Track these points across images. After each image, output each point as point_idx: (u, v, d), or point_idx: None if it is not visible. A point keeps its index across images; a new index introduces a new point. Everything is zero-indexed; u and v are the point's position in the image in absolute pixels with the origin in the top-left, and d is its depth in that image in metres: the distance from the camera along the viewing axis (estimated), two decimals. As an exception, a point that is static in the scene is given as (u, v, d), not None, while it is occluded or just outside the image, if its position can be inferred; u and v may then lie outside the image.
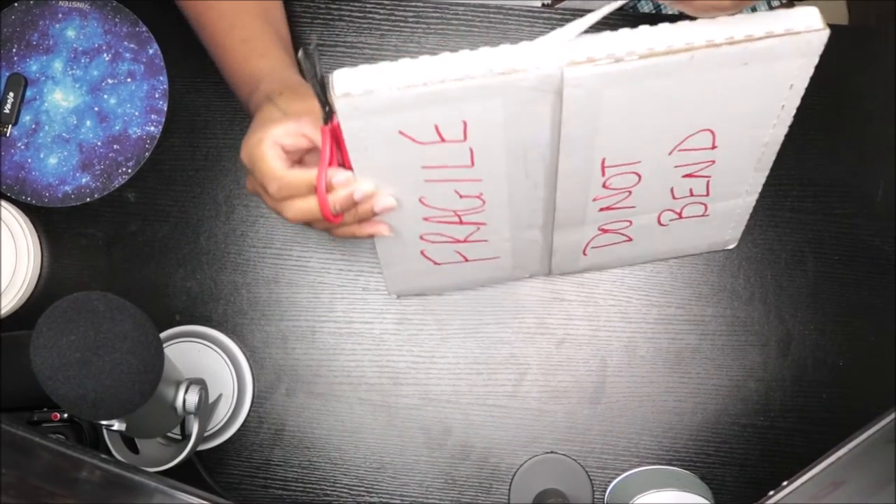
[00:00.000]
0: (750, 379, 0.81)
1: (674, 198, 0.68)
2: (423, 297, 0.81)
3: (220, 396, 0.79)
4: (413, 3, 0.83)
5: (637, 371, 0.81)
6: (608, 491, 0.79)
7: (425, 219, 0.65)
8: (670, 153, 0.62)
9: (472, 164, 0.59)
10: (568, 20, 0.82)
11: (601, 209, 0.67)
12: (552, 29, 0.82)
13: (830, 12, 1.20)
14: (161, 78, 0.83)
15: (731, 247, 0.76)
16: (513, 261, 0.73)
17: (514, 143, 0.59)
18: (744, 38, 0.52)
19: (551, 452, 0.80)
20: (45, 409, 0.73)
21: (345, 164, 0.59)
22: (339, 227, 0.62)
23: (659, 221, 0.70)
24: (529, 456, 0.80)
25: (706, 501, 0.75)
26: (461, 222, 0.66)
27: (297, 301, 0.82)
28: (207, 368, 0.79)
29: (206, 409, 0.70)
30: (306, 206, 0.59)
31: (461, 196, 0.63)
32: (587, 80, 0.53)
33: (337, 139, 0.57)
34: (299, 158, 0.62)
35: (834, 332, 0.81)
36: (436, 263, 0.71)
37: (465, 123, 0.55)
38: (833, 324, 0.81)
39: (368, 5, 0.83)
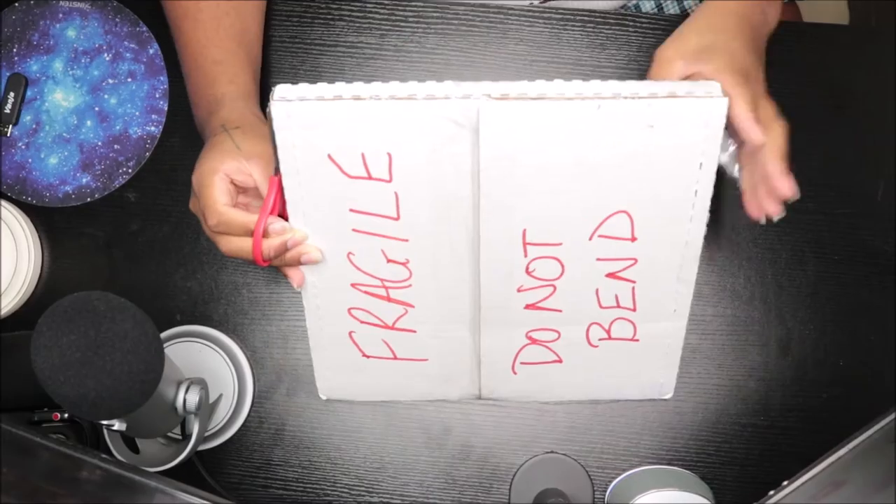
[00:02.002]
0: (750, 379, 0.81)
1: (600, 306, 0.68)
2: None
3: (220, 396, 0.79)
4: (413, 3, 0.83)
5: (637, 371, 0.81)
6: (608, 491, 0.79)
7: (353, 285, 0.67)
8: (590, 238, 0.63)
9: (398, 216, 0.62)
10: (567, 20, 0.83)
11: (527, 306, 0.68)
12: (551, 28, 0.83)
13: (830, 12, 1.20)
14: (161, 78, 0.83)
15: (667, 396, 0.75)
16: (441, 367, 0.73)
17: (436, 198, 0.61)
18: (647, 94, 0.56)
19: (551, 452, 0.80)
20: (46, 409, 0.73)
21: (284, 216, 0.63)
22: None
23: (588, 339, 0.70)
24: (529, 456, 0.80)
25: (706, 501, 0.75)
26: (388, 298, 0.68)
27: (298, 301, 0.81)
28: (208, 368, 0.79)
29: (206, 408, 0.70)
30: (241, 244, 0.63)
31: (388, 260, 0.65)
32: (500, 116, 0.56)
33: (282, 191, 0.62)
34: (244, 190, 0.65)
35: (834, 332, 0.81)
36: (364, 355, 0.72)
37: (389, 157, 0.59)
38: (833, 324, 0.81)
39: (369, 5, 0.83)
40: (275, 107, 0.57)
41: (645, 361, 0.72)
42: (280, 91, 0.57)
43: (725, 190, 0.82)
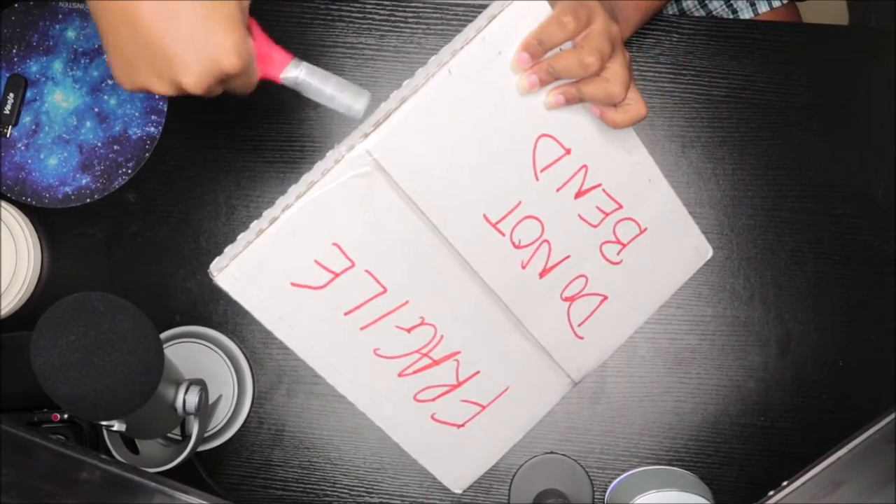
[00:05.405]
0: (750, 379, 0.81)
1: (593, 225, 0.68)
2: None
3: (220, 397, 0.79)
4: (413, 4, 0.83)
5: (637, 371, 0.81)
6: (608, 491, 0.79)
7: (400, 375, 0.67)
8: (537, 178, 0.63)
9: (384, 288, 0.62)
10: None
11: (541, 274, 0.68)
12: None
13: (830, 12, 1.20)
14: (161, 78, 0.83)
15: (709, 255, 0.75)
16: (525, 383, 0.72)
17: (400, 248, 0.62)
18: (475, 32, 0.58)
19: (551, 452, 0.80)
20: (46, 410, 0.73)
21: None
22: None
23: (607, 259, 0.70)
24: (529, 456, 0.80)
25: (706, 501, 0.75)
26: (435, 361, 0.67)
27: (298, 301, 0.82)
28: (208, 369, 0.79)
29: (206, 409, 0.70)
30: None
31: (408, 330, 0.65)
32: (387, 141, 0.58)
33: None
34: None
35: (834, 332, 0.81)
36: (459, 426, 0.71)
37: (338, 247, 0.60)
38: (833, 324, 0.81)
39: (368, 6, 0.83)
40: (220, 280, 0.58)
41: (666, 242, 0.71)
42: (216, 266, 0.58)
43: (724, 191, 0.82)
